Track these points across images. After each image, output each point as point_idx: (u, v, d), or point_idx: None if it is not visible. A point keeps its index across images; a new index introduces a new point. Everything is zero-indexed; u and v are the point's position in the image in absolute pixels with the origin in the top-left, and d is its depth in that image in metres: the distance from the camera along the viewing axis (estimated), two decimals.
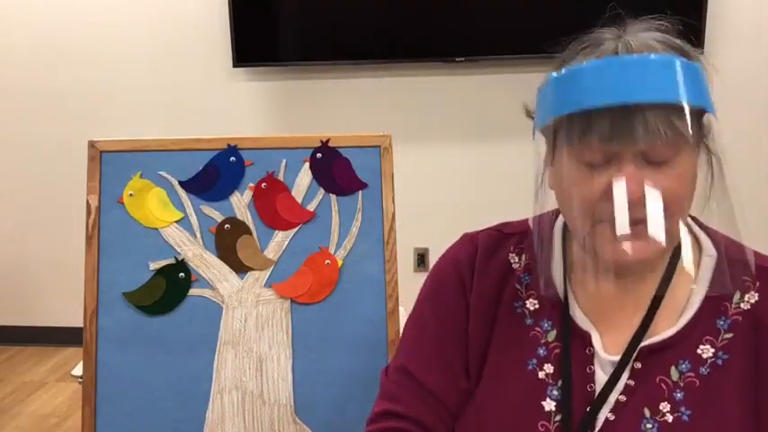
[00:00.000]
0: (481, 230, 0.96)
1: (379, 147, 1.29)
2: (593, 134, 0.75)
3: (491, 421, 0.88)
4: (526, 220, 0.94)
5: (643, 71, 0.75)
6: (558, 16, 2.61)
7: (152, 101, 3.12)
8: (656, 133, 0.73)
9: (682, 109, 0.75)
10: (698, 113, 0.79)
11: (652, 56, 0.76)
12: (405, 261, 3.05)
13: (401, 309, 1.30)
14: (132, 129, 3.09)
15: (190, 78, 3.08)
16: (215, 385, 1.24)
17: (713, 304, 0.84)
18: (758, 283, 0.83)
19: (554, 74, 0.79)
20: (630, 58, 0.76)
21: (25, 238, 3.33)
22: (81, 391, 1.25)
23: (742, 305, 0.83)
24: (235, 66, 2.94)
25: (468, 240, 0.96)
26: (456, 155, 3.03)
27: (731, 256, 0.85)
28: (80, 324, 1.26)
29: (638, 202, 0.75)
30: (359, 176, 1.28)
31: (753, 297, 0.83)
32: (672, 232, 0.77)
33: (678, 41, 0.81)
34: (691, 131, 0.75)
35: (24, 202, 3.30)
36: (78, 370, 1.46)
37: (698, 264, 0.87)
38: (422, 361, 0.91)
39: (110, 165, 1.28)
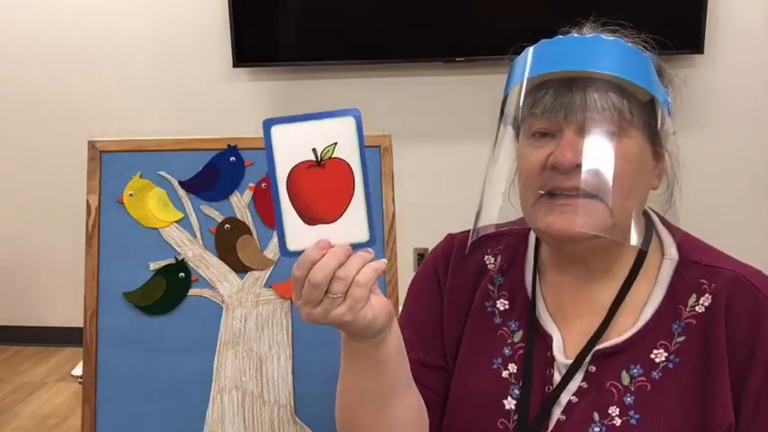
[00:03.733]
0: (464, 231, 0.98)
1: (379, 147, 1.29)
2: (538, 106, 0.80)
3: (456, 415, 0.91)
4: (508, 223, 0.95)
5: (582, 47, 0.80)
6: (559, 16, 2.60)
7: (152, 101, 3.12)
8: (594, 106, 0.77)
9: (623, 89, 0.79)
10: (645, 100, 0.81)
11: (592, 35, 0.82)
12: (405, 261, 3.04)
13: (401, 309, 1.29)
14: (132, 129, 3.09)
15: (190, 78, 3.08)
16: (215, 385, 1.24)
17: (669, 307, 0.84)
18: (713, 285, 0.83)
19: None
20: (572, 37, 0.83)
21: (25, 238, 3.33)
22: (81, 391, 1.25)
23: (697, 308, 0.83)
24: (235, 66, 2.94)
25: (449, 240, 1.00)
26: (456, 155, 3.03)
27: (692, 259, 0.85)
28: (80, 324, 1.26)
29: (573, 169, 0.78)
30: None
31: (707, 300, 0.83)
32: (614, 210, 0.78)
33: (636, 44, 0.84)
34: (631, 112, 0.79)
35: (24, 202, 3.30)
36: (78, 370, 1.46)
37: (658, 266, 0.87)
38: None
39: (110, 165, 1.28)
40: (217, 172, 1.28)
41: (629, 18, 0.86)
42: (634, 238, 0.82)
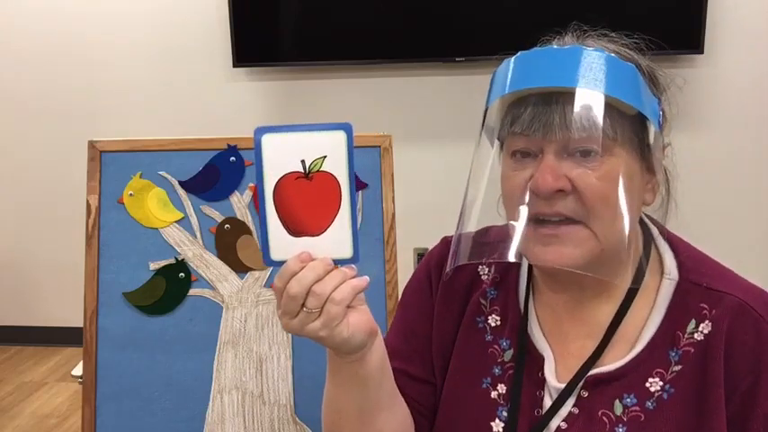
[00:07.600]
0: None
1: (379, 147, 1.29)
2: (517, 124, 0.75)
3: None
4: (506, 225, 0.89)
5: (560, 60, 0.74)
6: (559, 16, 2.60)
7: (152, 101, 3.12)
8: (573, 125, 0.72)
9: (606, 103, 0.73)
10: (632, 116, 0.76)
11: (571, 46, 0.76)
12: (405, 261, 3.04)
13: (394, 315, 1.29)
14: (132, 129, 3.09)
15: (190, 78, 3.08)
16: (215, 385, 1.24)
17: (667, 333, 0.80)
18: (714, 312, 0.78)
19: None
20: (551, 48, 0.77)
21: (25, 239, 3.33)
22: (81, 391, 1.25)
23: (695, 335, 0.78)
24: (235, 66, 2.94)
25: (443, 244, 0.95)
26: (456, 155, 3.02)
27: (692, 279, 0.80)
28: (80, 324, 1.26)
29: (554, 194, 0.73)
30: (359, 176, 1.28)
31: (707, 327, 0.78)
32: (601, 236, 0.74)
33: (633, 54, 0.79)
34: (615, 129, 0.73)
35: (24, 202, 3.30)
36: (78, 370, 1.46)
37: (657, 286, 0.82)
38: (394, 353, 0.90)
39: (110, 165, 1.28)
40: (217, 172, 1.28)
41: (629, 18, 0.85)
42: (620, 277, 0.79)
